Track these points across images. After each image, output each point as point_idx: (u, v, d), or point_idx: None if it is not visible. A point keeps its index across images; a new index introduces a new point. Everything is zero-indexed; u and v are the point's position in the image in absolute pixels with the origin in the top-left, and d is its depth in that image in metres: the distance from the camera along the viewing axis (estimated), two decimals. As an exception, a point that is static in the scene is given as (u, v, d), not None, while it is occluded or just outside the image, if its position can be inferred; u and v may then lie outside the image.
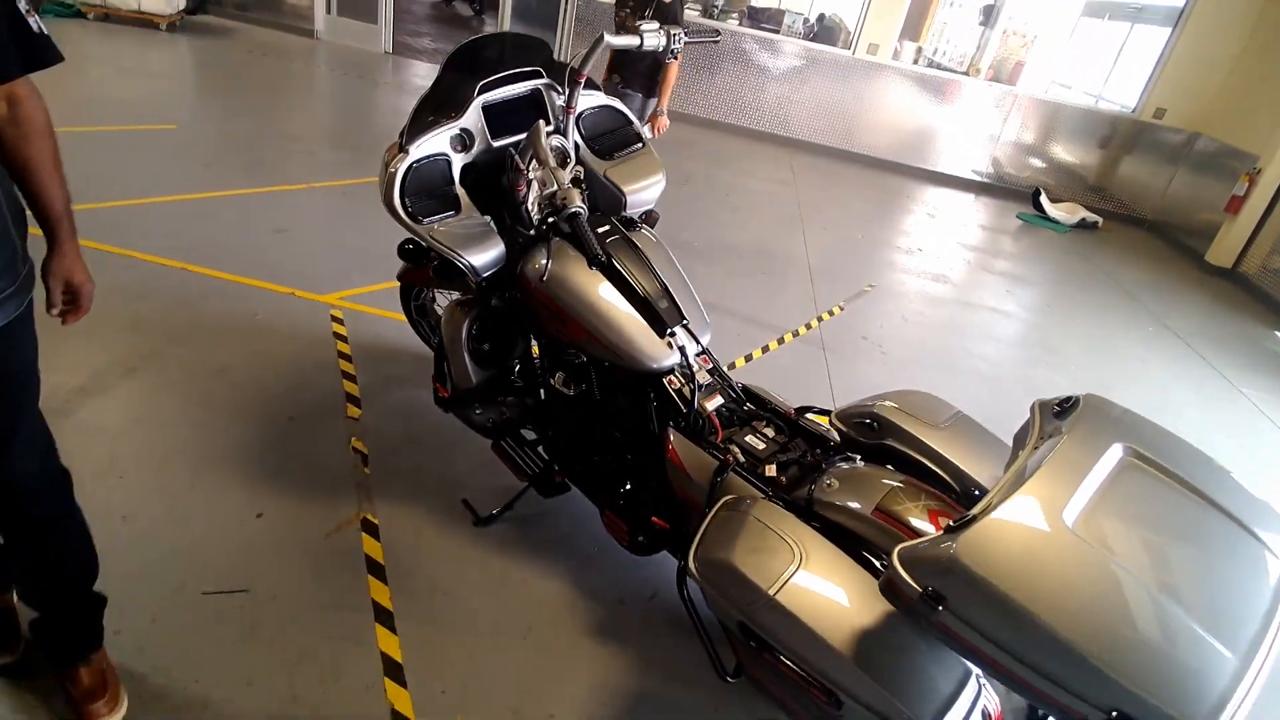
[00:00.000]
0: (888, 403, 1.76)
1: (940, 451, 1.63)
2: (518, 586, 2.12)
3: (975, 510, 1.18)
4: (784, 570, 1.40)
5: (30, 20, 1.16)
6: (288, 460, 2.37)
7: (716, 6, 8.37)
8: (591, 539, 2.25)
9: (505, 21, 8.18)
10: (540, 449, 2.27)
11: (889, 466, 1.71)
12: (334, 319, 3.16)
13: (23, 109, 1.20)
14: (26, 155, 1.22)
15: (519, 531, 2.28)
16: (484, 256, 1.93)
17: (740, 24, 8.22)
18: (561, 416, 2.17)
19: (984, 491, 1.56)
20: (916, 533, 1.48)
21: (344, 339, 3.04)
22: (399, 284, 2.66)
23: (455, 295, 2.65)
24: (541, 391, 2.22)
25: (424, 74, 8.09)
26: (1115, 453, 1.27)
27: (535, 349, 2.25)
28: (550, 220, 1.89)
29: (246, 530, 2.10)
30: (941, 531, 1.18)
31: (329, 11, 8.31)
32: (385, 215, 1.92)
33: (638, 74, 4.20)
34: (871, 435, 1.75)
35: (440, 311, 2.80)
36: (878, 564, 1.51)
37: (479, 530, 2.26)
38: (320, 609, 1.93)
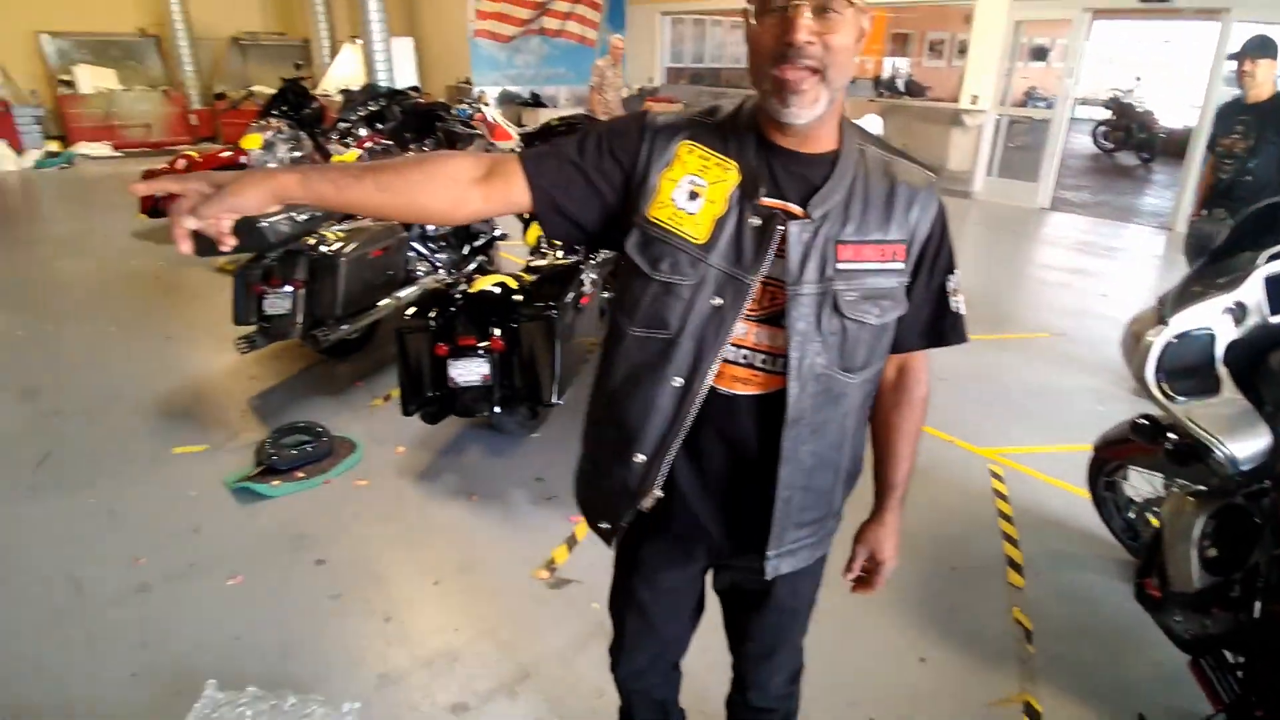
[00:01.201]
0: None
1: None
2: None
3: None
4: None
5: (953, 300, 1.17)
6: (949, 611, 2.38)
7: None
8: None
9: (1190, 171, 7.25)
10: (1239, 674, 1.78)
11: None
12: (993, 474, 3.12)
13: (909, 379, 1.25)
14: (895, 421, 1.26)
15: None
16: (1249, 448, 1.64)
17: None
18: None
19: None
20: None
21: (1004, 498, 2.96)
22: (1093, 453, 2.48)
23: (1155, 475, 2.34)
24: (1257, 608, 1.75)
25: (1083, 228, 7.73)
26: None
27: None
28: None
29: (910, 671, 2.16)
30: None
31: (989, 174, 8.70)
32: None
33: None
34: None
35: (1129, 491, 2.51)
36: None
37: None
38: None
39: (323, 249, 3.52)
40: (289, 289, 3.45)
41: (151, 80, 11.68)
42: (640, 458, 1.14)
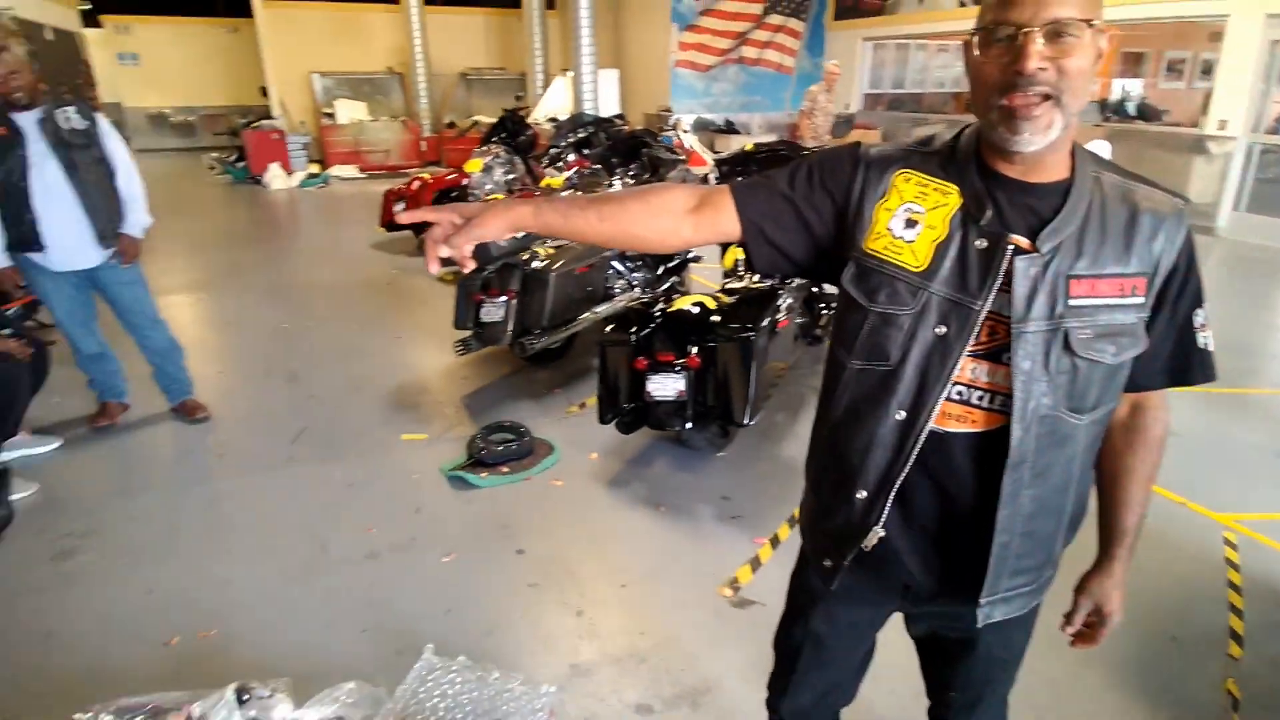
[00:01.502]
0: None
1: None
2: None
3: None
4: None
5: (1200, 335, 1.08)
6: (1163, 682, 2.16)
7: None
8: None
9: None
10: None
11: None
12: (1227, 542, 2.78)
13: (1146, 417, 1.15)
14: (1128, 463, 1.16)
15: None
16: None
17: None
18: None
19: None
20: None
21: (1236, 568, 2.63)
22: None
23: None
24: None
25: (1356, 273, 6.63)
26: None
27: None
28: None
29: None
30: None
31: (1236, 208, 7.70)
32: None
33: None
34: None
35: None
36: None
37: None
38: None
39: (534, 264, 3.84)
40: (503, 299, 3.80)
41: (393, 112, 13.32)
42: (862, 494, 1.11)
